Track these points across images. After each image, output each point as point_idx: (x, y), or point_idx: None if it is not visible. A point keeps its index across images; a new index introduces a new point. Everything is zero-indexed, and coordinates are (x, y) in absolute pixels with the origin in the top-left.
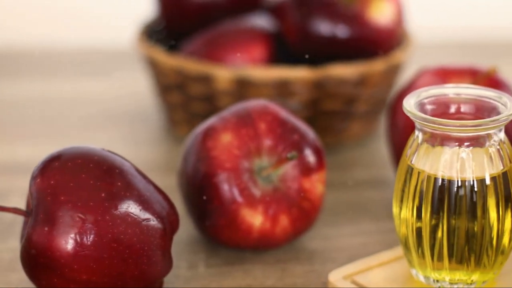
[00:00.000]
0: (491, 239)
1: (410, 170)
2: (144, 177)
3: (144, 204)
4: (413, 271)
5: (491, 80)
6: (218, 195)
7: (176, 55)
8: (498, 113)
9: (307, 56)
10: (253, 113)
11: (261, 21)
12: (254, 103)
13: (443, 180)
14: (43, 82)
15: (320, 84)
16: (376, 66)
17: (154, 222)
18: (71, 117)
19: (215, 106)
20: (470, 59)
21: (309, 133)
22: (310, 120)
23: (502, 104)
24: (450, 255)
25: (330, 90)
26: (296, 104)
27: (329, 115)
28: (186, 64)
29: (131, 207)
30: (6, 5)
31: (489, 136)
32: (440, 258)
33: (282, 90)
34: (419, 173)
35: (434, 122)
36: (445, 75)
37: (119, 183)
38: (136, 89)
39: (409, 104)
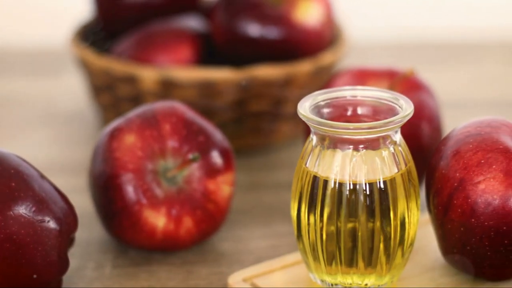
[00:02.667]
0: (384, 243)
1: (305, 172)
2: (43, 177)
3: (39, 204)
4: (311, 275)
5: (409, 82)
6: (121, 196)
7: (105, 56)
8: (395, 115)
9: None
10: (158, 115)
11: (192, 22)
12: (161, 105)
13: (335, 183)
14: None
15: (245, 85)
16: (303, 67)
17: (49, 222)
18: (6, 117)
19: None
20: (414, 59)
21: (216, 134)
22: (238, 121)
23: (399, 106)
24: (343, 259)
25: (256, 91)
26: (222, 104)
27: (257, 116)
28: (114, 65)
29: (24, 208)
30: None
31: (384, 138)
32: (333, 261)
33: (207, 91)
34: (312, 176)
35: (327, 125)
36: (362, 76)
37: (13, 184)
38: (73, 89)
39: (304, 107)
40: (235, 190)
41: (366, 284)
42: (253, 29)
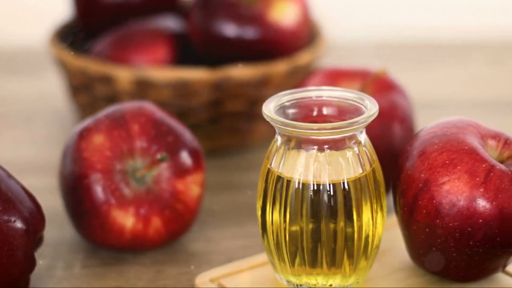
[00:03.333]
0: (347, 244)
1: (270, 173)
2: (10, 177)
3: (5, 204)
4: (277, 275)
5: (382, 82)
6: (89, 196)
7: (82, 56)
8: (360, 115)
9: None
10: (126, 115)
11: (169, 22)
12: (130, 105)
13: (299, 183)
14: None
15: (220, 85)
16: (279, 67)
17: (15, 222)
18: None
19: None
20: (398, 59)
21: (186, 135)
22: (214, 122)
23: (364, 106)
24: (307, 259)
25: (231, 91)
26: (198, 105)
27: (233, 116)
28: (90, 65)
29: None
30: None
31: (348, 139)
32: (297, 262)
33: (182, 91)
34: (277, 176)
35: (290, 126)
36: (335, 76)
37: None
38: (53, 89)
39: (268, 108)
40: (209, 190)
41: (330, 285)
42: (229, 29)
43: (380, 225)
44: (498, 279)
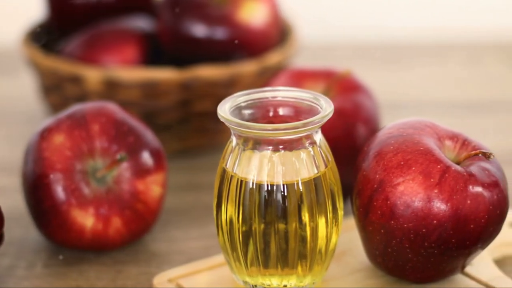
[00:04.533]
0: (300, 244)
1: (225, 173)
2: None
3: None
4: (234, 276)
5: (347, 83)
6: (49, 195)
7: (53, 56)
8: (316, 115)
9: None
10: (87, 115)
11: (140, 22)
12: (91, 105)
13: (253, 184)
14: None
15: (189, 85)
16: (247, 67)
17: None
18: None
19: None
20: (371, 60)
21: (147, 135)
22: (182, 122)
23: (319, 106)
24: (261, 260)
25: (200, 91)
26: (166, 105)
27: (202, 116)
28: (60, 65)
29: None
30: None
31: (303, 139)
32: (252, 262)
33: (150, 91)
34: (232, 176)
35: (244, 126)
36: (300, 77)
37: None
38: (26, 89)
39: (223, 109)
40: (174, 191)
41: (285, 286)
42: (198, 30)
43: (336, 226)
44: (457, 280)
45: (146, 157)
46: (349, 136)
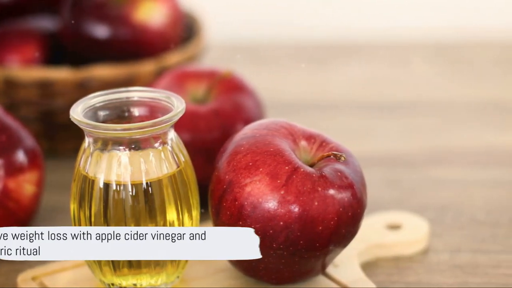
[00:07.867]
0: None
1: (78, 173)
2: None
3: None
4: (94, 275)
5: (230, 83)
6: None
7: None
8: None
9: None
10: None
11: (44, 22)
12: None
13: (102, 184)
14: None
15: (84, 85)
16: (145, 67)
17: None
18: None
19: None
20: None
21: (22, 134)
22: None
23: (172, 105)
24: (112, 260)
25: (96, 91)
26: (62, 104)
27: None
28: None
29: None
30: None
31: (154, 139)
32: (103, 262)
33: (46, 90)
34: (84, 176)
35: (95, 127)
36: (183, 77)
37: None
38: None
39: (75, 111)
40: (56, 189)
41: (134, 285)
42: (96, 29)
43: (189, 225)
44: (317, 281)
45: (19, 156)
46: (227, 137)
